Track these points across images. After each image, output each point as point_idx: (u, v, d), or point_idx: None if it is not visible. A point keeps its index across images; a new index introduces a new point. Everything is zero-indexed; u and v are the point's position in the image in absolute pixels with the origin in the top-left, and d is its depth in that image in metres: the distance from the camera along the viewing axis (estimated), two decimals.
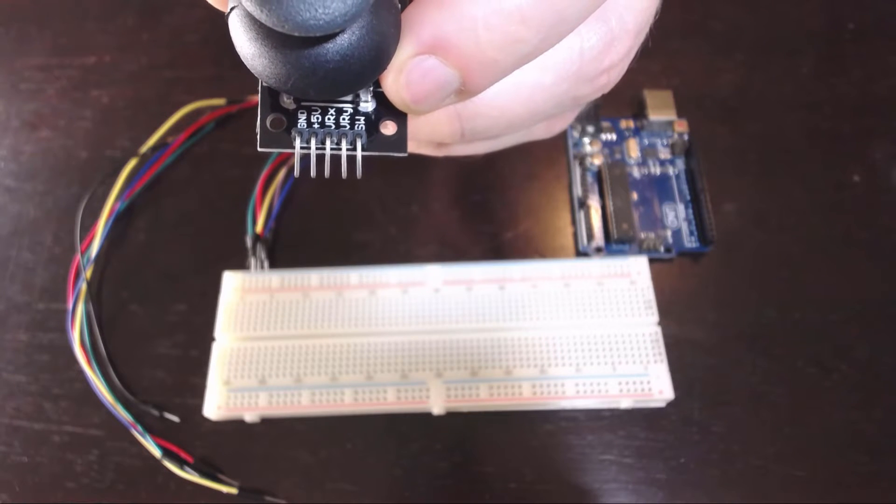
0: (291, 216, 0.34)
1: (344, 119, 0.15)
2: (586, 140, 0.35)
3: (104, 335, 0.31)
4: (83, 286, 0.31)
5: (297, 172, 0.15)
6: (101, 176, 0.34)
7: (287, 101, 0.15)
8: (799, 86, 0.37)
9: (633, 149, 0.35)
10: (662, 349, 0.29)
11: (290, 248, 0.33)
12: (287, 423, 0.29)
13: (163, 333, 0.31)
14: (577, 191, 0.34)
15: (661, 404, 0.29)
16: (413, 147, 0.20)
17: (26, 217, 0.35)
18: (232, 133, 0.36)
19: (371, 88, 0.15)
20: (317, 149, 0.15)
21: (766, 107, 0.36)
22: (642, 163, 0.34)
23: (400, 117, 0.15)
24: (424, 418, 0.29)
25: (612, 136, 0.35)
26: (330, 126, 0.15)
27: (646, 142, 0.35)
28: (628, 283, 0.30)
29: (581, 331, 0.29)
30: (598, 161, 0.34)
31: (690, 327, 0.31)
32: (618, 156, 0.35)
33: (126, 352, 0.31)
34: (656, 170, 0.34)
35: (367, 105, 0.15)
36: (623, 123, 0.35)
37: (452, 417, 0.29)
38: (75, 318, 0.31)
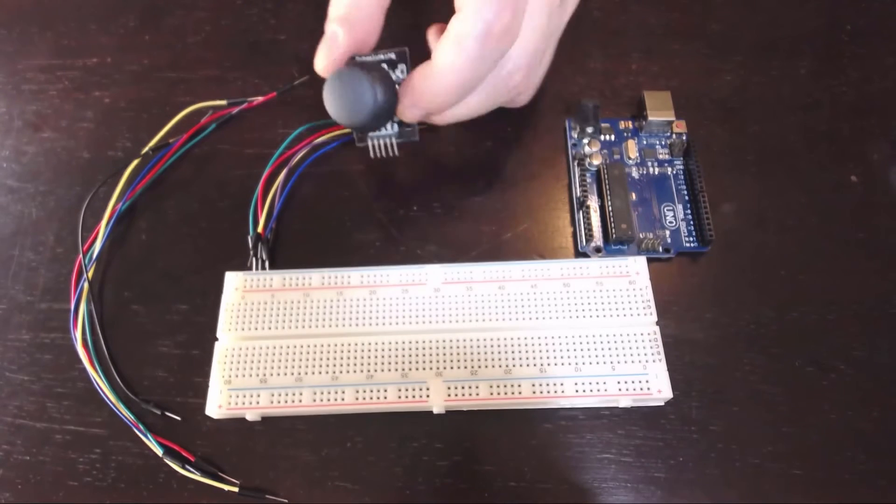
0: (292, 216, 0.34)
1: (385, 127, 0.30)
2: (585, 141, 0.35)
3: (106, 335, 0.31)
4: (85, 286, 0.32)
5: (372, 154, 0.30)
6: (103, 176, 0.34)
7: None
8: (797, 87, 0.37)
9: (632, 149, 0.35)
10: (661, 349, 0.29)
11: (291, 248, 0.33)
12: (288, 422, 0.30)
13: (165, 333, 0.32)
14: (577, 191, 0.34)
15: (660, 403, 0.29)
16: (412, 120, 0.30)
17: (29, 217, 0.35)
18: (233, 134, 0.37)
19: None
20: (375, 139, 0.30)
21: (764, 108, 0.37)
22: (641, 163, 0.35)
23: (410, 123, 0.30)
24: (425, 417, 0.29)
25: (611, 137, 0.35)
26: (381, 130, 0.30)
27: (645, 142, 0.35)
28: (627, 283, 0.30)
29: (580, 330, 0.29)
30: (597, 161, 0.34)
31: (689, 327, 0.31)
32: (617, 156, 0.35)
33: (128, 351, 0.31)
34: (655, 170, 0.34)
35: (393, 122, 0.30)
36: (622, 124, 0.36)
37: (452, 416, 0.29)
38: (78, 318, 0.31)
